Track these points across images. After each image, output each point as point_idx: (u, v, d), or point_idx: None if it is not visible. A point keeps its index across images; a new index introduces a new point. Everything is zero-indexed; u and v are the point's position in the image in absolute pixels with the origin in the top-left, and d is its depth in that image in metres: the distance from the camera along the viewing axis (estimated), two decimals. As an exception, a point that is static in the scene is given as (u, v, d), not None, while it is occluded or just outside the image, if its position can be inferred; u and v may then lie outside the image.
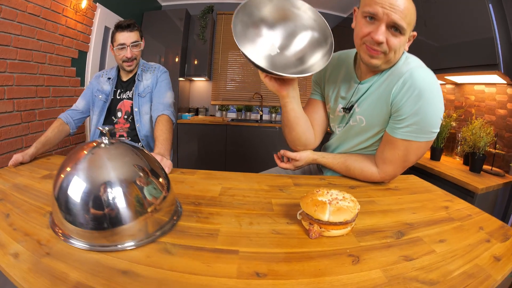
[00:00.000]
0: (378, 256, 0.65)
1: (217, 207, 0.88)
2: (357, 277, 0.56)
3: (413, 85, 1.07)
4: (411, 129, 1.11)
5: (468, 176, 2.11)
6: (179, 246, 0.64)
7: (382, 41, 1.07)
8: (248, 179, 1.19)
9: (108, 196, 0.61)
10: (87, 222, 0.60)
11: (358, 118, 1.28)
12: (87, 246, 0.61)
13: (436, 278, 0.58)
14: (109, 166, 0.65)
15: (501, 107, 2.57)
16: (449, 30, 2.58)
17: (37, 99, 2.75)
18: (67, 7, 3.04)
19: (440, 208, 1.01)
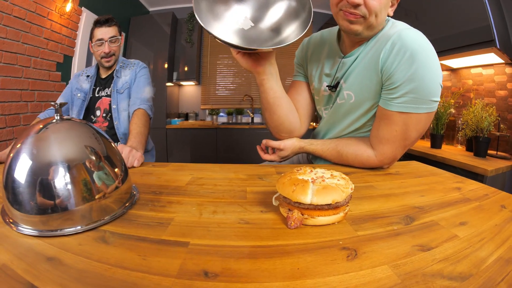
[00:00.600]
0: (383, 247, 0.47)
1: (180, 196, 0.74)
2: (355, 278, 0.38)
3: (404, 46, 0.93)
4: (408, 98, 0.94)
5: (474, 160, 1.95)
6: (119, 235, 0.53)
7: (359, 2, 0.94)
8: (224, 169, 1.03)
9: (52, 177, 0.54)
10: (29, 205, 0.53)
11: (346, 94, 1.12)
12: (32, 231, 0.53)
13: (468, 270, 0.41)
14: (55, 145, 0.57)
15: (501, 88, 2.44)
16: (442, 17, 2.48)
17: (21, 103, 2.70)
18: (52, 11, 3.01)
19: (451, 190, 0.84)
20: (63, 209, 0.54)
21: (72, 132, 0.62)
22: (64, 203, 0.54)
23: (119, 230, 0.54)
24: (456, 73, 2.88)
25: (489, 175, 1.68)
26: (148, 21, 4.87)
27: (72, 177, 0.55)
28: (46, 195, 0.53)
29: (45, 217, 0.53)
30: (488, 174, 1.68)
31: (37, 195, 0.53)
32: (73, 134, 0.61)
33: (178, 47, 5.08)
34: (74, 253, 0.46)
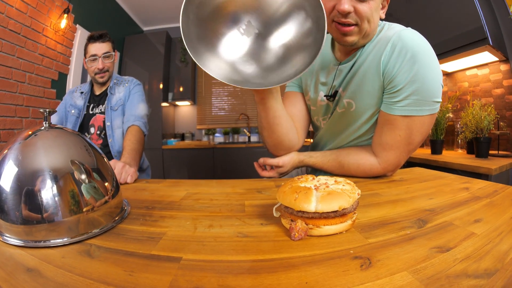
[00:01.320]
0: (398, 253, 0.42)
1: (173, 211, 0.70)
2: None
3: (404, 47, 0.91)
4: (411, 101, 0.92)
5: (477, 161, 1.93)
6: (105, 249, 0.49)
7: (349, 10, 0.92)
8: (221, 185, 0.99)
9: (38, 187, 0.51)
10: (13, 215, 0.51)
11: (346, 103, 1.08)
12: (17, 241, 0.51)
13: (493, 266, 0.38)
14: (42, 153, 0.55)
15: (497, 86, 2.44)
16: (434, 22, 2.52)
17: (16, 119, 2.68)
18: (47, 27, 3.04)
19: (460, 190, 0.82)
20: (49, 220, 0.51)
21: (61, 141, 0.60)
22: (50, 214, 0.51)
23: (106, 244, 0.51)
24: (452, 77, 2.88)
25: (493, 174, 1.65)
26: (142, 40, 4.92)
27: (59, 188, 0.52)
28: (31, 204, 0.51)
29: (29, 227, 0.51)
30: (493, 172, 1.64)
31: (22, 204, 0.50)
32: (61, 143, 0.59)
33: (173, 67, 5.11)
34: (56, 266, 0.43)
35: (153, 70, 4.80)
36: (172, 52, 5.13)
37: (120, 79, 1.98)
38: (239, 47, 0.87)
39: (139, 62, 4.77)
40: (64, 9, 3.21)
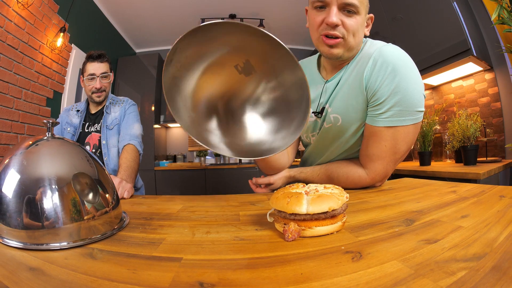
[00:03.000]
0: (388, 247, 0.45)
1: (171, 221, 0.72)
2: (364, 276, 0.36)
3: (385, 61, 0.95)
4: (394, 112, 0.96)
5: (465, 168, 1.97)
6: (108, 252, 0.50)
7: (337, 23, 0.98)
8: (215, 199, 1.01)
9: (40, 194, 0.53)
10: (15, 220, 0.52)
11: (333, 118, 1.12)
12: (17, 244, 0.51)
13: (481, 250, 0.41)
14: (45, 161, 0.57)
15: (483, 95, 2.52)
16: (418, 39, 2.61)
17: (12, 135, 2.72)
18: (43, 45, 3.11)
19: (447, 193, 0.86)
20: (50, 226, 0.52)
21: (63, 150, 0.61)
22: (52, 221, 0.52)
23: (108, 248, 0.52)
24: (438, 90, 2.97)
25: (482, 178, 1.69)
26: (135, 62, 5.00)
27: (61, 196, 0.53)
28: (33, 211, 0.52)
29: (32, 231, 0.52)
30: (481, 177, 1.68)
31: (24, 210, 0.52)
32: (64, 152, 0.61)
33: None
34: (59, 266, 0.44)
35: (145, 92, 4.85)
36: (164, 75, 5.21)
37: (116, 99, 2.02)
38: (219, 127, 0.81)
39: (132, 84, 4.84)
40: (61, 28, 3.30)
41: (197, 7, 4.72)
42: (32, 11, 2.90)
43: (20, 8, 2.73)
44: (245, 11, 4.91)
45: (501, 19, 1.90)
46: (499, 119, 2.39)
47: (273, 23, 5.29)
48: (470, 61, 2.25)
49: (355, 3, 0.96)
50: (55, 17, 3.30)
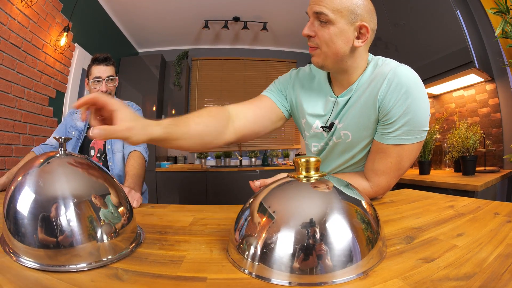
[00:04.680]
0: (390, 265, 0.51)
1: (186, 236, 0.75)
2: None
3: (400, 83, 0.99)
4: (402, 131, 1.01)
5: (463, 178, 2.03)
6: (133, 273, 0.52)
7: (308, 34, 1.04)
8: (224, 210, 1.04)
9: (58, 213, 0.53)
10: (32, 238, 0.52)
11: (343, 134, 1.16)
12: (35, 264, 0.52)
13: (471, 270, 0.47)
14: (61, 179, 0.57)
15: (483, 105, 2.58)
16: (421, 45, 2.65)
17: (14, 135, 2.71)
18: (47, 44, 3.09)
19: (445, 208, 0.92)
20: (69, 245, 0.53)
21: (77, 167, 0.62)
22: (70, 240, 0.53)
23: (132, 268, 0.54)
24: (439, 99, 3.02)
25: (479, 190, 1.74)
26: (137, 62, 5.03)
27: (78, 214, 0.54)
28: (51, 230, 0.52)
29: (51, 251, 0.52)
30: (478, 189, 1.74)
31: (42, 229, 0.52)
32: (77, 169, 0.61)
33: (166, 90, 5.22)
34: None
35: (147, 93, 4.90)
36: (166, 75, 5.25)
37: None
38: None
39: (133, 84, 4.87)
40: (64, 27, 3.28)
41: (201, 9, 4.77)
42: (36, 9, 2.89)
43: (24, 6, 2.72)
44: (249, 14, 4.96)
45: (504, 33, 1.95)
46: (499, 130, 2.45)
47: (276, 27, 5.34)
48: (472, 73, 2.31)
49: (324, 12, 0.98)
50: (59, 16, 3.29)
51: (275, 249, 0.49)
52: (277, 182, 0.62)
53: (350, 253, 0.48)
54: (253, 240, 0.53)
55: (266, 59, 6.17)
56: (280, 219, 0.52)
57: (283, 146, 6.12)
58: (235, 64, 6.01)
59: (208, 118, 1.10)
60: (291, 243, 0.48)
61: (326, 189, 0.57)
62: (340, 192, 0.57)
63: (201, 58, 5.88)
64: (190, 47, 5.84)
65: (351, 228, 0.50)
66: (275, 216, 0.53)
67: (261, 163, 5.71)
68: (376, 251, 0.51)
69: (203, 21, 5.03)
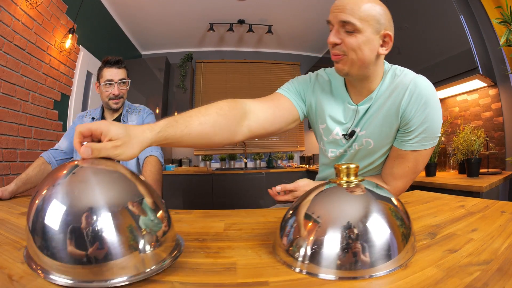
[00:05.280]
0: (422, 257, 0.61)
1: (226, 242, 0.77)
2: (415, 279, 0.51)
3: (420, 94, 1.07)
4: (420, 138, 1.10)
5: (469, 180, 2.15)
6: (192, 285, 0.52)
7: (335, 42, 1.07)
8: (251, 214, 1.09)
9: (93, 224, 0.50)
10: (68, 256, 0.49)
11: (365, 141, 1.22)
12: (71, 282, 0.49)
13: (488, 257, 0.58)
14: (95, 188, 0.54)
15: (486, 110, 2.69)
16: (425, 50, 2.72)
17: (18, 139, 2.68)
18: (51, 45, 3.08)
19: (457, 208, 1.04)
20: (108, 258, 0.49)
21: (107, 173, 0.60)
22: (108, 252, 0.49)
23: (187, 280, 0.54)
24: (443, 103, 3.12)
25: (484, 191, 1.85)
26: (141, 65, 5.08)
27: (117, 223, 0.51)
28: (87, 243, 0.49)
29: (90, 266, 0.49)
30: (483, 190, 1.85)
31: (76, 243, 0.49)
32: (109, 175, 0.60)
33: (171, 93, 5.28)
34: None
35: (151, 95, 4.96)
36: (171, 78, 5.33)
37: (132, 107, 2.02)
38: None
39: (138, 87, 4.91)
40: (69, 29, 3.27)
41: (206, 12, 4.84)
42: (41, 10, 2.88)
43: (29, 7, 2.69)
44: (254, 17, 5.04)
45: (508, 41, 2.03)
46: (501, 133, 2.56)
47: (281, 30, 5.42)
48: (476, 78, 2.41)
49: (352, 21, 1.01)
50: (63, 18, 3.29)
51: (325, 249, 0.54)
52: (319, 188, 0.67)
53: (390, 248, 0.55)
54: (303, 242, 0.57)
55: (270, 61, 6.26)
56: (326, 222, 0.57)
57: (288, 148, 6.21)
58: (239, 67, 6.10)
59: (217, 117, 1.04)
60: (338, 243, 0.54)
61: (364, 192, 0.63)
62: (376, 194, 0.63)
63: (205, 60, 5.97)
64: (195, 49, 5.94)
65: (390, 226, 0.57)
66: (321, 219, 0.58)
67: (266, 165, 5.78)
68: (410, 246, 0.59)
69: (208, 24, 5.11)
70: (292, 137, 6.28)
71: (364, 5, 1.03)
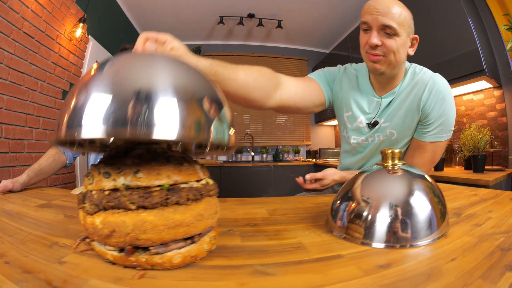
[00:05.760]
0: (456, 229, 0.74)
1: (278, 225, 0.80)
2: (457, 244, 0.63)
3: (438, 90, 1.22)
4: (437, 130, 1.25)
5: (475, 175, 2.32)
6: (273, 265, 0.53)
7: (377, 44, 1.16)
8: (286, 201, 1.16)
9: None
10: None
11: (389, 132, 1.34)
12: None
13: (508, 229, 0.72)
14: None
15: (491, 110, 2.86)
16: (431, 46, 2.85)
17: (26, 129, 2.62)
18: (61, 34, 3.05)
19: (471, 196, 1.17)
20: None
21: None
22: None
23: (264, 261, 0.55)
24: (450, 101, 3.28)
25: (490, 185, 2.02)
26: (150, 56, 5.10)
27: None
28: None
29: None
30: (490, 184, 2.02)
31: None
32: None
33: None
34: None
35: (160, 90, 5.01)
36: (179, 72, 5.37)
37: None
38: None
39: (147, 81, 4.94)
40: (80, 18, 3.26)
41: (215, 5, 4.89)
42: None
43: None
44: (264, 11, 5.09)
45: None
46: (504, 132, 2.75)
47: (291, 25, 5.48)
48: (483, 80, 2.57)
49: (393, 26, 1.12)
50: (73, 7, 3.26)
51: (381, 224, 0.63)
52: (365, 173, 0.75)
53: (432, 221, 0.65)
54: (360, 219, 0.66)
55: (278, 56, 6.34)
56: (378, 200, 0.66)
57: (294, 142, 6.33)
58: (247, 60, 6.10)
59: (258, 75, 1.16)
60: (394, 217, 0.63)
61: (407, 174, 0.73)
62: (418, 175, 0.74)
63: (213, 53, 6.01)
64: (203, 42, 6.02)
65: (431, 203, 0.67)
66: (372, 199, 0.67)
67: (273, 159, 5.87)
68: (446, 221, 0.69)
69: (218, 17, 5.16)
70: (298, 131, 6.40)
71: (401, 10, 1.15)
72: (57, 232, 0.72)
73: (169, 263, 0.51)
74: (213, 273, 0.51)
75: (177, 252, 0.52)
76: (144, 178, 0.49)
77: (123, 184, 0.49)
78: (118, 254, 0.51)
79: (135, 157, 0.52)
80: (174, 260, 0.51)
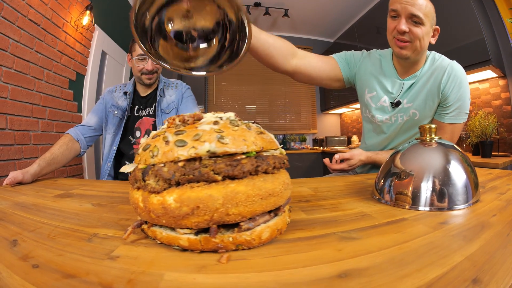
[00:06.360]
0: (486, 196, 0.88)
1: (328, 200, 0.85)
2: (491, 206, 0.75)
3: (456, 75, 1.38)
4: (455, 113, 1.41)
5: (484, 159, 2.52)
6: (353, 231, 0.57)
7: (406, 30, 1.30)
8: (322, 181, 1.22)
9: None
10: None
11: (412, 112, 1.47)
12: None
13: None
14: None
15: (496, 98, 3.05)
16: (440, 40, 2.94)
17: (32, 120, 2.55)
18: (67, 22, 3.02)
19: (486, 175, 1.31)
20: None
21: None
22: None
23: (341, 229, 0.59)
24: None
25: (500, 167, 2.21)
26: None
27: None
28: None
29: None
30: (499, 166, 2.21)
31: None
32: None
33: (184, 75, 5.37)
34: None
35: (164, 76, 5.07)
36: (185, 59, 5.48)
37: (168, 81, 1.99)
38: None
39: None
40: (87, 6, 3.23)
41: (223, -8, 4.98)
42: None
43: None
44: (270, 0, 5.19)
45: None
46: (509, 120, 2.95)
47: (297, 14, 5.60)
48: (488, 69, 2.76)
49: (420, 15, 1.27)
50: None
51: (427, 192, 0.72)
52: (401, 150, 0.84)
53: (468, 188, 0.75)
54: (406, 188, 0.75)
55: (283, 44, 6.42)
56: (421, 171, 0.74)
57: (300, 130, 6.48)
58: None
59: (277, 39, 1.33)
60: (433, 185, 0.73)
61: (444, 147, 0.80)
62: (453, 147, 0.81)
63: (219, 41, 6.15)
64: (208, 28, 6.10)
65: (465, 172, 0.76)
66: (416, 171, 0.75)
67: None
68: (477, 190, 0.78)
69: (224, 5, 5.26)
70: (304, 119, 6.55)
71: (427, 3, 1.30)
72: (90, 222, 0.64)
73: (258, 240, 0.48)
74: (302, 244, 0.50)
75: (266, 226, 0.49)
76: (231, 144, 0.45)
77: (208, 150, 0.44)
78: (196, 237, 0.46)
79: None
80: (263, 235, 0.49)
